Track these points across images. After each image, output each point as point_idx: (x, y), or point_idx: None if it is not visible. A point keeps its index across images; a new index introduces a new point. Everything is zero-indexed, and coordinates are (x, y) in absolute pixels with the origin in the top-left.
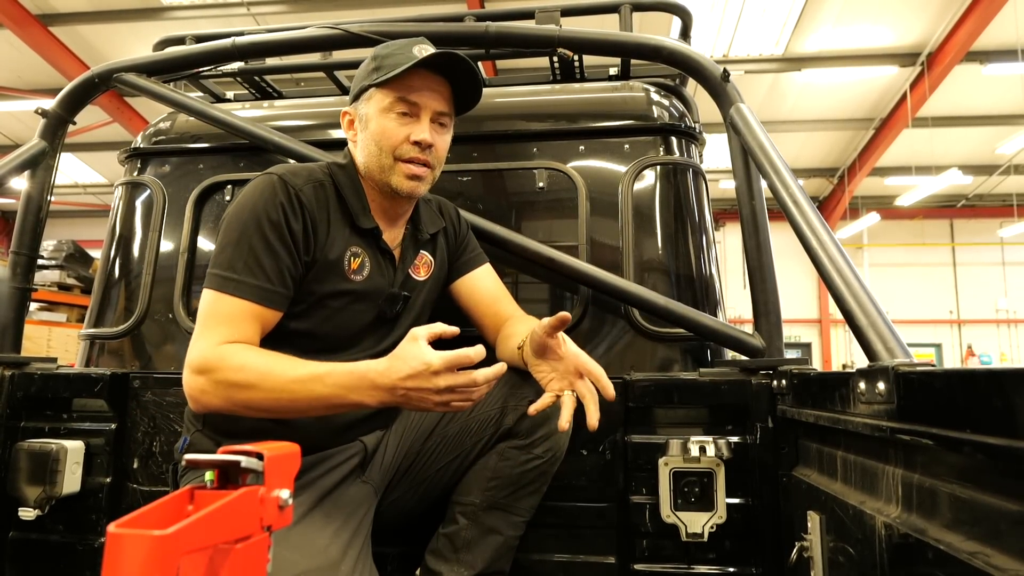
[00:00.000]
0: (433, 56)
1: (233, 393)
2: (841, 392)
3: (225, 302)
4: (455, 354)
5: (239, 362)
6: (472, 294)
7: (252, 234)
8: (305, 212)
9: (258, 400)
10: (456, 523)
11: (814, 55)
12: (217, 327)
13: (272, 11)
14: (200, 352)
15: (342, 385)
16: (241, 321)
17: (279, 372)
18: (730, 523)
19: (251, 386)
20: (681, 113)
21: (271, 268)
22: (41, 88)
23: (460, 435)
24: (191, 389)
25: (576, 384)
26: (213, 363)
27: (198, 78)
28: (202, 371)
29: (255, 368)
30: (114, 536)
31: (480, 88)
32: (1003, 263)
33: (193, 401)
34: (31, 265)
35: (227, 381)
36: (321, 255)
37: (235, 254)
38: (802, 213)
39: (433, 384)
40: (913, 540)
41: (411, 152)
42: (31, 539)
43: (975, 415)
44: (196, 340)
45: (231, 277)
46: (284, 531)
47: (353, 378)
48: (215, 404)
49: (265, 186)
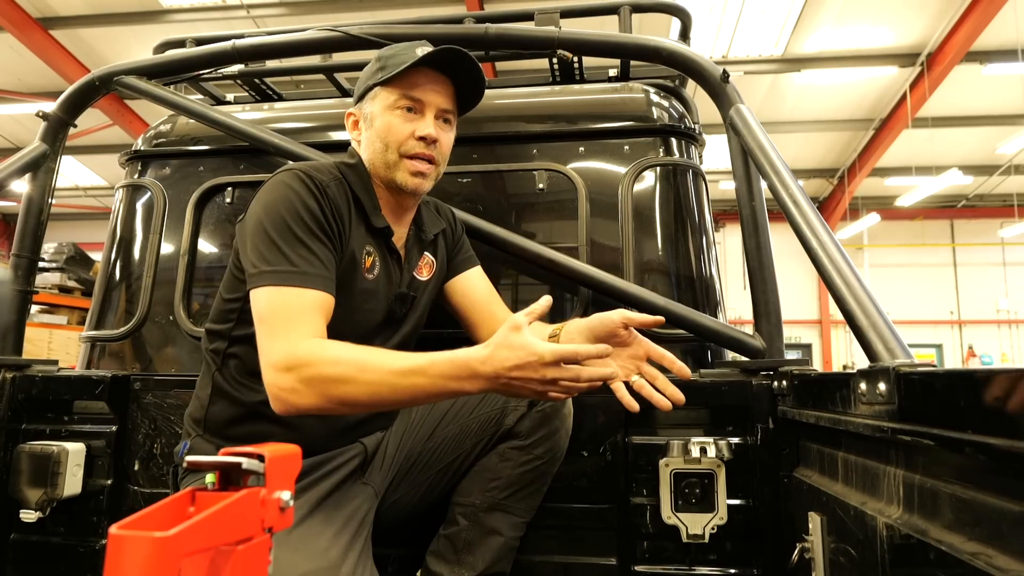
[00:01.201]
0: (437, 53)
1: (329, 388)
2: (842, 393)
3: (293, 295)
4: (568, 349)
5: (333, 356)
6: (467, 294)
7: (295, 226)
8: (332, 207)
9: (356, 394)
10: (457, 524)
11: (814, 56)
12: (294, 322)
13: (272, 14)
14: (286, 350)
15: (444, 375)
16: (313, 313)
17: (377, 364)
18: (731, 524)
19: (349, 380)
20: (681, 114)
21: (324, 256)
22: (42, 91)
23: (460, 436)
24: (279, 390)
25: (643, 367)
26: (303, 359)
27: (198, 81)
28: (291, 368)
29: (351, 361)
30: (116, 538)
31: (483, 85)
32: (1004, 263)
33: (280, 402)
34: (32, 268)
35: (322, 376)
36: (346, 251)
37: (285, 247)
38: (802, 214)
39: (540, 375)
40: (915, 541)
41: (416, 148)
42: (32, 541)
43: (976, 416)
44: (273, 339)
45: (291, 270)
46: (285, 533)
47: (455, 367)
48: (307, 402)
49: (293, 179)
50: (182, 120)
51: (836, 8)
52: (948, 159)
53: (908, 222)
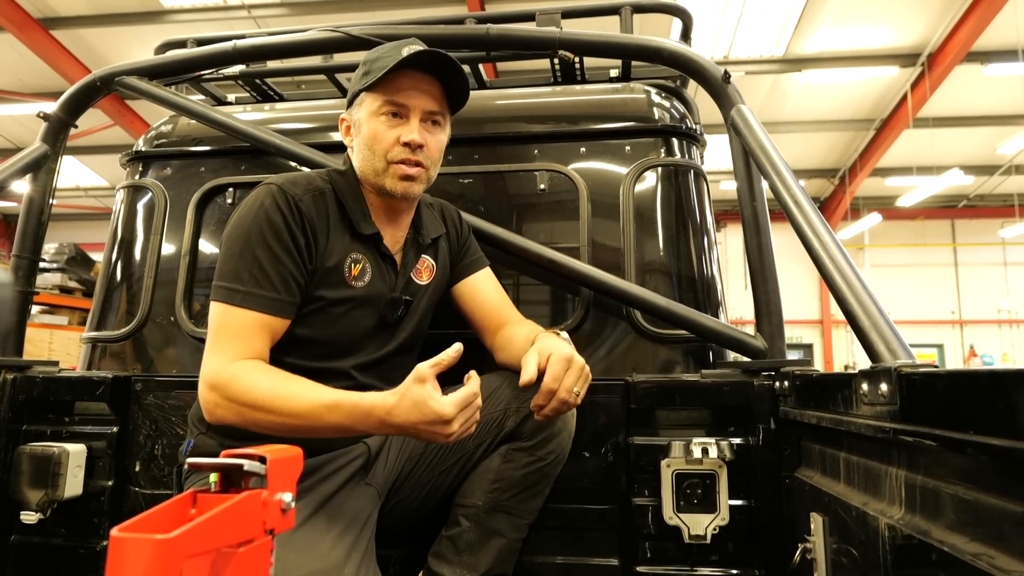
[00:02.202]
0: (413, 56)
1: (244, 412)
2: (844, 393)
3: (234, 315)
4: (463, 397)
5: (249, 383)
6: (474, 297)
7: (255, 244)
8: (305, 221)
9: (267, 421)
10: (459, 525)
11: (814, 56)
12: (228, 342)
13: (273, 14)
14: (213, 369)
15: (349, 416)
16: (251, 334)
17: (286, 396)
18: (733, 525)
19: (260, 408)
20: (682, 114)
21: (277, 277)
22: (43, 92)
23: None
24: (205, 403)
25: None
26: (224, 381)
27: (199, 81)
28: (214, 387)
29: (264, 391)
30: (117, 540)
31: (465, 82)
32: (1005, 263)
33: (208, 414)
34: (33, 268)
35: (238, 400)
36: (321, 263)
37: (240, 265)
38: (803, 214)
39: (447, 431)
40: (916, 542)
41: (402, 154)
42: (33, 543)
43: (978, 416)
44: (209, 355)
45: (238, 289)
46: (287, 534)
47: (359, 412)
48: (228, 419)
49: (265, 196)
50: (183, 121)
51: (837, 8)
52: (949, 159)
53: (909, 222)
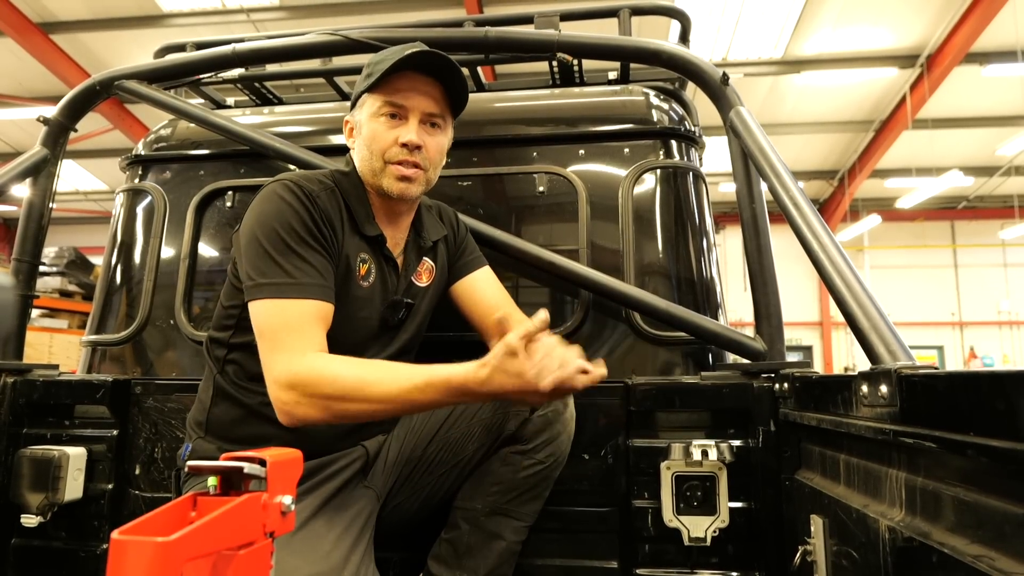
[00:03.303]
0: (411, 56)
1: (331, 405)
2: (843, 395)
3: (291, 307)
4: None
5: (331, 375)
6: (472, 296)
7: (287, 236)
8: (323, 215)
9: (356, 410)
10: (458, 528)
11: (813, 58)
12: (291, 336)
13: (272, 18)
14: (287, 367)
15: (442, 394)
16: (312, 325)
17: (375, 382)
18: (733, 527)
19: (349, 398)
20: (680, 116)
21: (319, 264)
22: (42, 96)
23: (462, 440)
24: (284, 404)
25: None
26: (304, 377)
27: (199, 85)
28: (293, 386)
29: (351, 381)
30: (118, 543)
31: (464, 84)
32: (1005, 265)
33: (287, 415)
34: (33, 272)
35: (322, 394)
36: (341, 258)
37: (279, 259)
38: (803, 215)
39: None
40: (917, 543)
41: (400, 154)
42: (33, 546)
43: (978, 417)
44: (274, 353)
45: (287, 282)
46: (287, 537)
47: (452, 390)
48: (312, 416)
49: (283, 190)
50: (182, 124)
51: (835, 10)
52: (948, 160)
53: (909, 223)
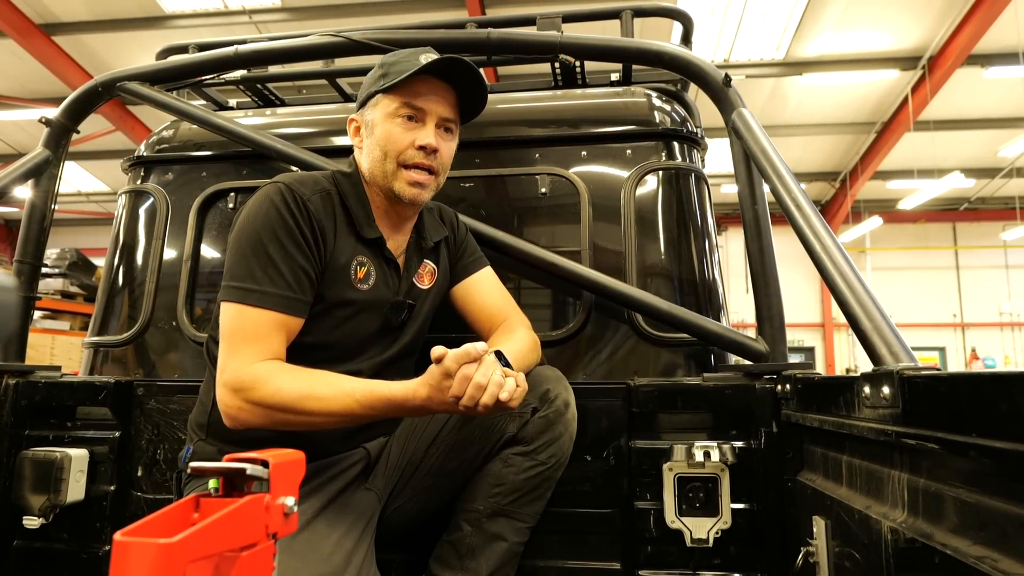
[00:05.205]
0: (438, 61)
1: (272, 414)
2: (846, 396)
3: (250, 315)
4: (463, 351)
5: (275, 386)
6: (471, 297)
7: (267, 242)
8: (313, 220)
9: (297, 422)
10: (460, 530)
11: (815, 59)
12: (246, 343)
13: (274, 19)
14: (234, 372)
15: (382, 411)
16: (268, 334)
17: (317, 397)
18: (735, 528)
19: (290, 410)
20: (683, 118)
21: (291, 275)
22: (44, 97)
23: (463, 442)
24: (227, 408)
25: None
26: (248, 384)
27: (201, 86)
28: (236, 391)
29: (293, 393)
30: (120, 544)
31: (485, 94)
32: (1006, 266)
33: (230, 419)
34: (35, 273)
35: (264, 403)
36: (330, 263)
37: (253, 264)
38: (805, 217)
39: (448, 390)
40: (919, 545)
41: (416, 157)
42: (35, 548)
43: (980, 419)
44: (228, 358)
45: (252, 288)
46: (288, 539)
47: (393, 407)
48: (253, 422)
49: (273, 194)
50: (184, 126)
51: (837, 12)
52: (950, 162)
53: (910, 225)
